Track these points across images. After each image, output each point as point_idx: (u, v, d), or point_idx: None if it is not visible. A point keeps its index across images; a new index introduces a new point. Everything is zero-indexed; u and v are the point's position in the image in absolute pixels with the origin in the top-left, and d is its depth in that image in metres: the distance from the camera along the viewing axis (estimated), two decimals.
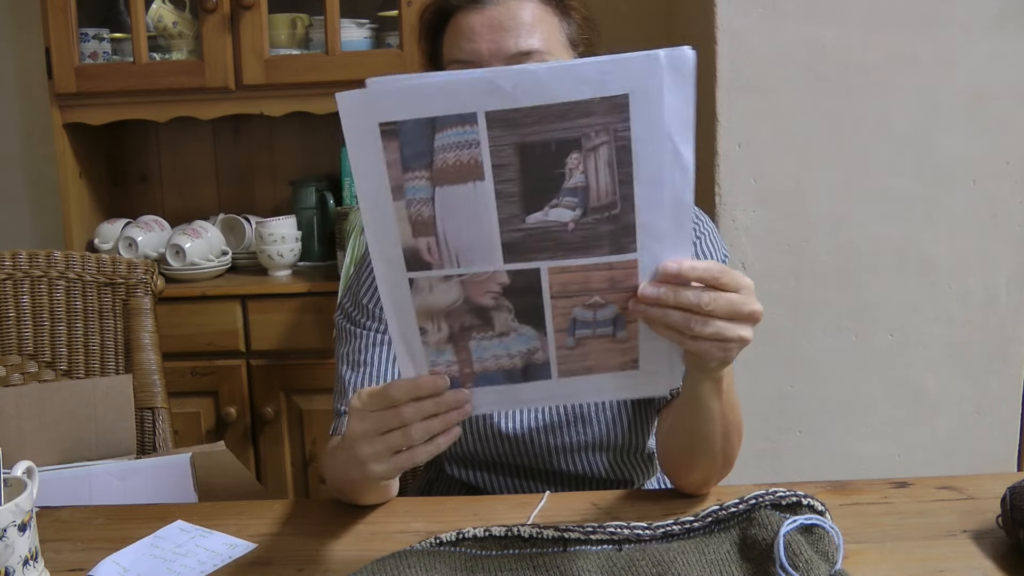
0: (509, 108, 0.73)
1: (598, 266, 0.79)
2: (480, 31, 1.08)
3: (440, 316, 0.82)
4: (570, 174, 0.75)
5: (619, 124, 0.74)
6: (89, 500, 1.22)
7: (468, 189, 0.76)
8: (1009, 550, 0.93)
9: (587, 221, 0.77)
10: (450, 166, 0.75)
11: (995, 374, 1.95)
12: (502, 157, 0.75)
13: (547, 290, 0.80)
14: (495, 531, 0.92)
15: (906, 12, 1.82)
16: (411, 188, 0.77)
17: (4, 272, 1.53)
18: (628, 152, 0.75)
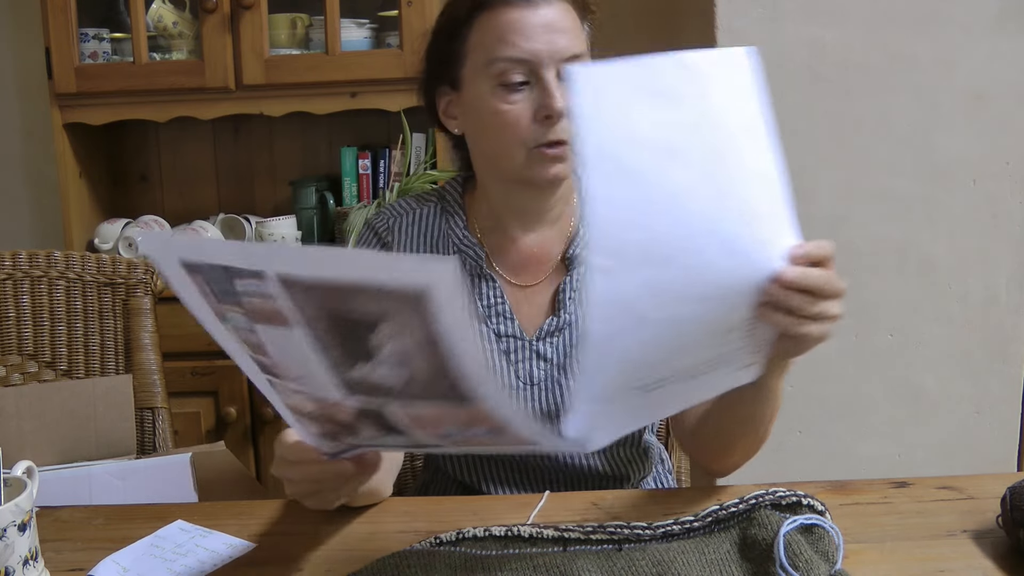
0: (300, 276, 0.67)
1: (449, 410, 0.73)
2: (537, 30, 1.06)
3: (307, 418, 0.80)
4: (385, 342, 0.68)
5: (422, 315, 0.65)
6: (89, 500, 1.22)
7: (283, 332, 0.71)
8: (1009, 550, 0.92)
9: (418, 382, 0.71)
10: (257, 309, 0.71)
11: (995, 374, 1.95)
12: (308, 313, 0.69)
13: (403, 420, 0.75)
14: (495, 531, 0.92)
15: (906, 12, 1.82)
16: (231, 317, 0.74)
17: (4, 272, 1.53)
18: (442, 341, 0.66)
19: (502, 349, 1.16)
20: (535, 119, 1.07)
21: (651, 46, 1.11)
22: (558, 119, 1.07)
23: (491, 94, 1.08)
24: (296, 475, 0.86)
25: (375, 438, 0.79)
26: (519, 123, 1.07)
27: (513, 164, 1.10)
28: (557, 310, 1.17)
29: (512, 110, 1.07)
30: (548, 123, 1.07)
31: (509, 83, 1.07)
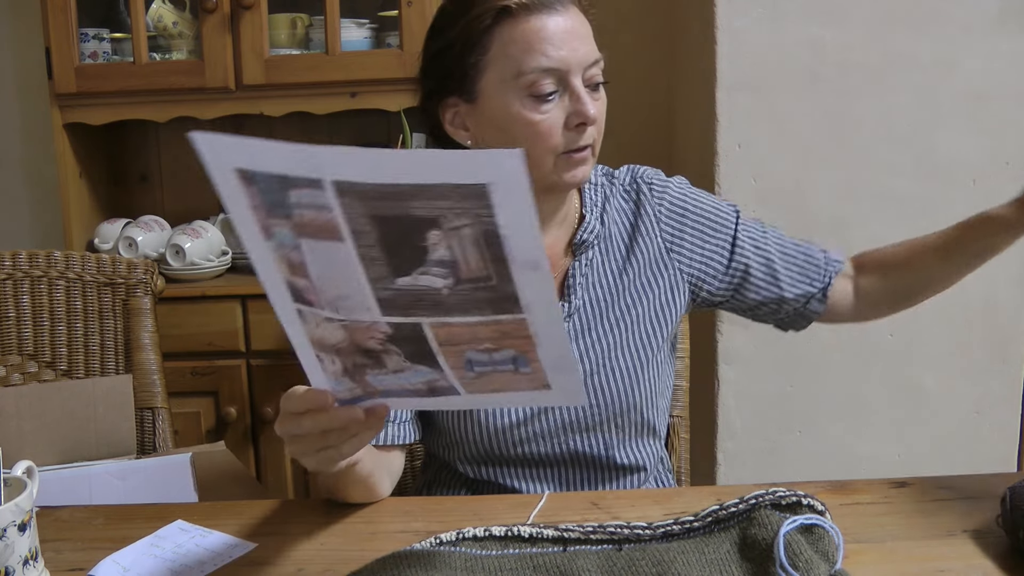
0: (357, 181, 0.68)
1: (484, 323, 0.74)
2: (565, 37, 1.07)
3: (332, 351, 0.79)
4: (433, 248, 0.70)
5: (482, 211, 0.68)
6: (89, 500, 1.21)
7: (332, 247, 0.72)
8: (1009, 550, 0.93)
9: (462, 289, 0.72)
10: (308, 223, 0.71)
11: (995, 374, 1.95)
12: (359, 224, 0.70)
13: (433, 340, 0.76)
14: (495, 531, 0.92)
15: (906, 12, 1.82)
16: (278, 233, 0.73)
17: (4, 272, 1.53)
18: (497, 236, 0.69)
19: None
20: (567, 127, 1.08)
21: (651, 46, 1.11)
22: (591, 125, 1.09)
23: (521, 105, 1.07)
24: (304, 426, 0.83)
25: (397, 372, 0.80)
26: (552, 132, 1.08)
27: (542, 172, 1.10)
28: (566, 295, 1.18)
29: (545, 120, 1.07)
30: (580, 130, 1.08)
31: (541, 94, 1.07)
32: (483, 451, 1.18)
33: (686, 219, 1.23)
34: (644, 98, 2.33)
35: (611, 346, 1.18)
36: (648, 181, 1.24)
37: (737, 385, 1.96)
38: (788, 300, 1.25)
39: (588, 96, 1.08)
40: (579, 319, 1.18)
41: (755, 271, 1.24)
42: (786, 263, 1.25)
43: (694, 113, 2.03)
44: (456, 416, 1.17)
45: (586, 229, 1.19)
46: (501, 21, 1.07)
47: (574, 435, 1.17)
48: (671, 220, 1.23)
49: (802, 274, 1.25)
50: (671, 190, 1.24)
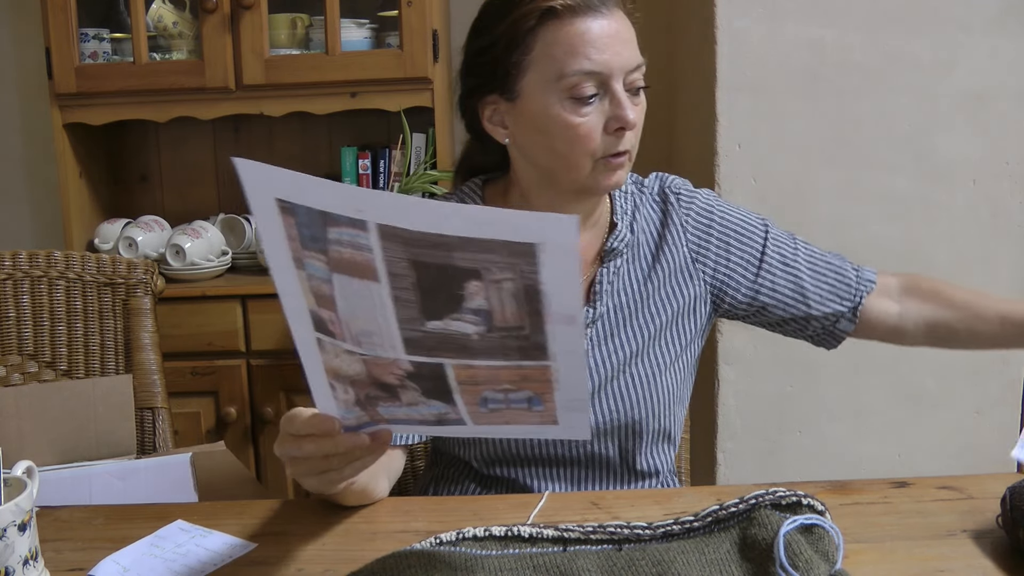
0: (402, 227, 0.68)
1: (508, 367, 0.75)
2: (606, 41, 1.06)
3: (346, 381, 0.79)
4: (470, 297, 0.71)
5: (526, 267, 0.68)
6: (89, 500, 1.21)
7: (364, 285, 0.72)
8: (1009, 550, 0.93)
9: (492, 336, 0.73)
10: (344, 260, 0.71)
11: (995, 374, 1.95)
12: (397, 268, 0.70)
13: (453, 379, 0.76)
14: (495, 531, 0.92)
15: (906, 12, 1.82)
16: (309, 264, 0.73)
17: (4, 272, 1.53)
18: (537, 292, 0.70)
19: None
20: (606, 131, 1.08)
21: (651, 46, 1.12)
22: (630, 130, 1.09)
23: (561, 107, 1.07)
24: (305, 450, 0.83)
25: (411, 405, 0.80)
26: (591, 135, 1.08)
27: (579, 175, 1.10)
28: (592, 300, 1.18)
29: (585, 123, 1.07)
30: (619, 135, 1.08)
31: (581, 96, 1.06)
32: (501, 451, 1.18)
33: (712, 229, 1.22)
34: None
35: (632, 353, 1.18)
36: (676, 191, 1.24)
37: (737, 385, 1.96)
38: (816, 318, 1.23)
39: (628, 101, 1.08)
40: (602, 325, 1.18)
41: (782, 287, 1.22)
42: (815, 280, 1.22)
43: (694, 113, 2.03)
44: None
45: (617, 237, 1.19)
46: (546, 22, 1.07)
47: (593, 438, 1.17)
48: (697, 230, 1.22)
49: (832, 292, 1.22)
50: (699, 200, 1.24)
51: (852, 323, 1.23)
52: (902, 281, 1.25)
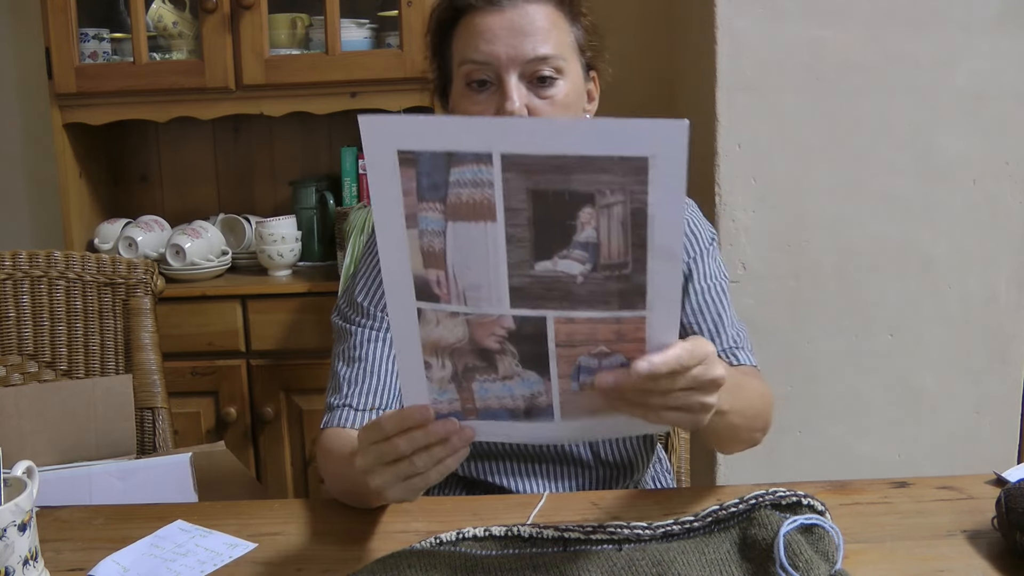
0: (526, 153, 0.72)
1: (605, 320, 0.78)
2: (499, 33, 1.08)
3: (445, 353, 0.81)
4: (582, 227, 0.74)
5: (636, 187, 0.72)
6: (89, 500, 1.22)
7: (480, 228, 0.75)
8: (1006, 551, 0.93)
9: (596, 276, 0.76)
10: (464, 203, 0.74)
11: (995, 374, 1.95)
12: (515, 201, 0.74)
13: (552, 338, 0.79)
14: (495, 531, 0.92)
15: (906, 12, 1.82)
16: (424, 219, 0.76)
17: (4, 272, 1.53)
18: (644, 216, 0.73)
19: None
20: None
21: (651, 46, 1.11)
22: None
23: (460, 94, 1.12)
24: (400, 448, 0.81)
25: (505, 380, 0.82)
26: None
27: None
28: None
29: (479, 111, 1.10)
30: None
31: (471, 81, 1.10)
32: (479, 443, 1.18)
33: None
34: (644, 98, 2.32)
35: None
36: None
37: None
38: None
39: (519, 91, 1.08)
40: None
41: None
42: (694, 319, 1.19)
43: (694, 113, 2.03)
44: None
45: None
46: (458, 19, 1.12)
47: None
48: None
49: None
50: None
51: None
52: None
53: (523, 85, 1.09)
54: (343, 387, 1.16)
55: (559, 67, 1.10)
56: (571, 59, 1.12)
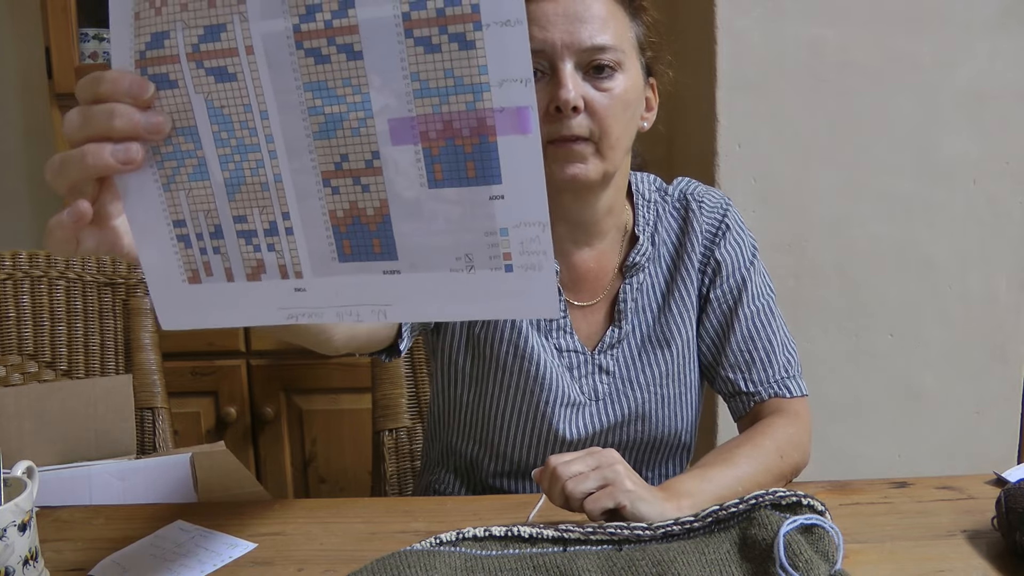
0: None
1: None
2: (553, 19, 1.02)
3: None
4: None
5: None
6: (89, 500, 1.21)
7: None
8: (1006, 551, 0.92)
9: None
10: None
11: (995, 374, 1.95)
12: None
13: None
14: (495, 531, 0.92)
15: (906, 12, 1.82)
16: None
17: (4, 272, 1.53)
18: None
19: (564, 364, 1.15)
20: (548, 112, 1.02)
21: None
22: (568, 112, 1.01)
23: None
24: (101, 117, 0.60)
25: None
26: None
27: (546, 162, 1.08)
28: (617, 320, 1.16)
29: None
30: (559, 116, 1.02)
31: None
32: (525, 459, 1.18)
33: (718, 240, 1.19)
34: None
35: (662, 374, 1.16)
36: (699, 199, 1.20)
37: None
38: (721, 378, 1.19)
39: (574, 80, 1.01)
40: (628, 345, 1.16)
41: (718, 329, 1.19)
42: (745, 347, 1.18)
43: (694, 113, 2.03)
44: (516, 421, 1.16)
45: (639, 252, 1.16)
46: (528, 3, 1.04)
47: (624, 454, 1.15)
48: (707, 237, 1.19)
49: (746, 366, 1.18)
50: (719, 210, 1.20)
51: (742, 410, 1.19)
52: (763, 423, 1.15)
53: (579, 75, 1.02)
54: None
55: (618, 60, 1.04)
56: (631, 55, 1.06)
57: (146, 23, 0.59)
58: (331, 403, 2.23)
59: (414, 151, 0.56)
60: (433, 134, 0.56)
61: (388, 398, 1.46)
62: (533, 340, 1.13)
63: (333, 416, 2.24)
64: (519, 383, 1.14)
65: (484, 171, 0.56)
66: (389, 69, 0.55)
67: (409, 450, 1.46)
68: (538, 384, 1.13)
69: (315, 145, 0.58)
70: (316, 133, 0.58)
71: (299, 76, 0.57)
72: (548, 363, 1.13)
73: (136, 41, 0.59)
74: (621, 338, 1.16)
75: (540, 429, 1.15)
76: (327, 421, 2.24)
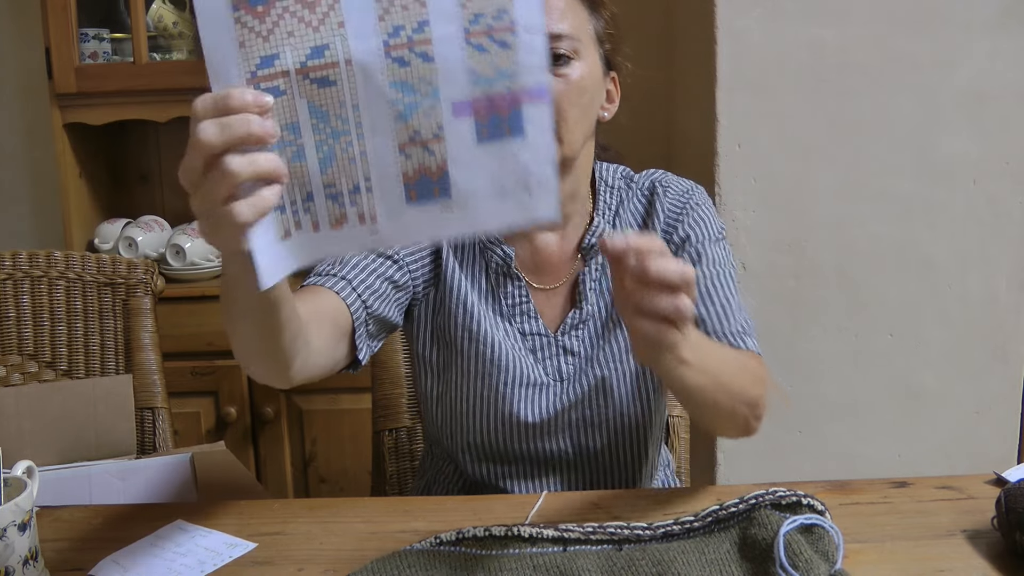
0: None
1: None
2: None
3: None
4: None
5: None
6: (89, 500, 1.21)
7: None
8: (1006, 551, 0.93)
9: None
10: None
11: (995, 374, 1.95)
12: None
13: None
14: (495, 531, 0.92)
15: (906, 12, 1.82)
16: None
17: (4, 272, 1.53)
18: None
19: (528, 347, 1.17)
20: None
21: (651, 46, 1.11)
22: None
23: None
24: (236, 126, 0.71)
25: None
26: None
27: None
28: (578, 302, 1.18)
29: None
30: None
31: None
32: (493, 444, 1.17)
33: (682, 218, 1.20)
34: (644, 98, 2.32)
35: (623, 349, 1.17)
36: (665, 185, 1.22)
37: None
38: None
39: None
40: (593, 325, 1.18)
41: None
42: (701, 302, 1.15)
43: (694, 113, 2.03)
44: (477, 406, 1.17)
45: (594, 232, 1.18)
46: None
47: (582, 435, 1.17)
48: (671, 215, 1.20)
49: (701, 321, 1.15)
50: (683, 190, 1.21)
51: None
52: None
53: None
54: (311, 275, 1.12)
55: (575, 48, 1.06)
56: (588, 46, 1.09)
57: (253, 50, 0.75)
58: (331, 403, 2.23)
59: (469, 121, 0.77)
60: (482, 109, 0.77)
61: (388, 398, 1.46)
62: (487, 324, 1.15)
63: (333, 416, 2.24)
64: (476, 367, 1.16)
65: (514, 129, 0.77)
66: (454, 68, 0.76)
67: (409, 450, 1.46)
68: (495, 366, 1.15)
69: (394, 127, 0.77)
70: (396, 117, 0.77)
71: (386, 78, 0.76)
72: (504, 345, 1.15)
73: (247, 64, 0.75)
74: (584, 319, 1.17)
75: (500, 411, 1.16)
76: (327, 421, 2.24)
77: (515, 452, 1.18)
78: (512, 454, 1.18)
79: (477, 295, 1.17)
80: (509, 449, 1.17)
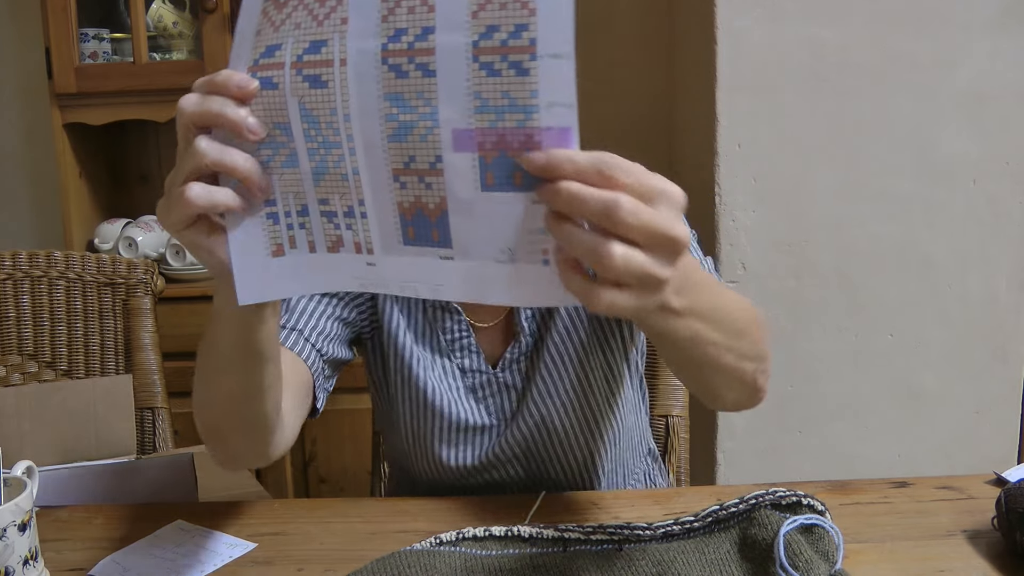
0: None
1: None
2: None
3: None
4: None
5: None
6: (89, 500, 1.21)
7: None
8: (1006, 551, 0.93)
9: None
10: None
11: (995, 374, 1.95)
12: None
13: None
14: (495, 531, 0.92)
15: (906, 12, 1.82)
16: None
17: (4, 272, 1.53)
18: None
19: (468, 386, 1.12)
20: None
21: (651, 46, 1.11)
22: None
23: None
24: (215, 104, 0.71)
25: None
26: None
27: None
28: (516, 335, 1.11)
29: None
30: None
31: None
32: (440, 479, 1.15)
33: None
34: (644, 98, 2.33)
35: (581, 379, 1.10)
36: None
37: None
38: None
39: None
40: (534, 357, 1.11)
41: None
42: None
43: (694, 113, 2.03)
44: (417, 449, 1.13)
45: None
46: None
47: (537, 465, 1.14)
48: None
49: None
50: None
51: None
52: None
53: None
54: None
55: None
56: None
57: (264, 38, 0.70)
58: (331, 403, 2.22)
59: (471, 158, 0.65)
60: (488, 145, 0.64)
61: None
62: (422, 367, 1.10)
63: (333, 416, 2.24)
64: (413, 411, 1.11)
65: (528, 180, 0.63)
66: (456, 87, 0.64)
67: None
68: (430, 411, 1.10)
69: (388, 146, 0.67)
70: (390, 136, 0.67)
71: (381, 87, 0.66)
72: (440, 388, 1.10)
73: (253, 52, 0.71)
74: (524, 351, 1.11)
75: (438, 455, 1.12)
76: (327, 421, 2.24)
77: (464, 485, 1.15)
78: (463, 486, 1.16)
79: (414, 332, 1.11)
80: (457, 483, 1.15)
